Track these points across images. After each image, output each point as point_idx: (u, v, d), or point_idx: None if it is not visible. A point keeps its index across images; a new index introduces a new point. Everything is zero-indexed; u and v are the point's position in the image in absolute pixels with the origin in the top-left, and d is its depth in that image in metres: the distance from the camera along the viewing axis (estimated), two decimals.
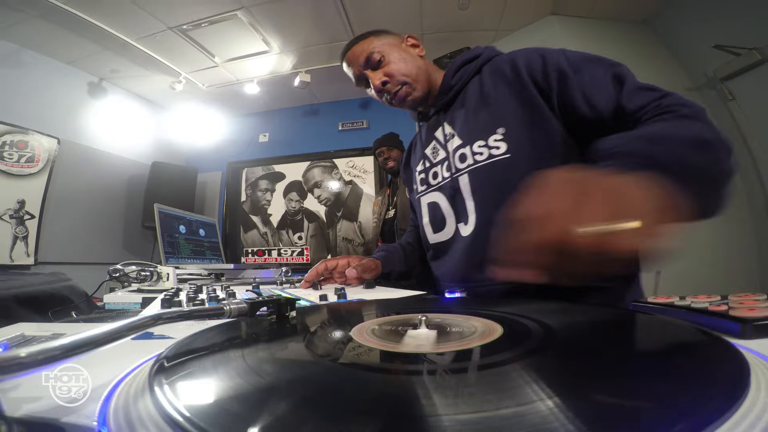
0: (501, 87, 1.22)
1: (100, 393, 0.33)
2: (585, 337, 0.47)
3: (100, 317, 1.07)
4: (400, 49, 1.38)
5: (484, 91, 1.26)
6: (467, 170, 1.24)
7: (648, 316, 0.52)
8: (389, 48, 1.37)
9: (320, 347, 0.47)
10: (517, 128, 1.16)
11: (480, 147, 1.21)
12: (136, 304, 1.19)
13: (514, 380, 0.29)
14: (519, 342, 0.41)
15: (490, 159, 1.18)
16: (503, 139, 1.16)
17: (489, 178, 1.19)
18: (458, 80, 1.35)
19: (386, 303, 0.87)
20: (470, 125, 1.27)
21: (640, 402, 0.25)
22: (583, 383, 0.30)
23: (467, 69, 1.35)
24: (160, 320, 0.45)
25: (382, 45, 1.37)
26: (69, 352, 0.31)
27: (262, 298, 0.62)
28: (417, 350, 0.40)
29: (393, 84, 1.35)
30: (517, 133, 1.15)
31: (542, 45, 1.25)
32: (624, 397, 0.26)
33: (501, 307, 0.62)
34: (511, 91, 1.19)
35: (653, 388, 0.26)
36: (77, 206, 4.44)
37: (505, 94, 1.20)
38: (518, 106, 1.17)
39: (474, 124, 1.25)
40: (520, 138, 1.15)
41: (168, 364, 0.37)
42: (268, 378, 0.34)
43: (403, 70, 1.34)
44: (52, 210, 4.15)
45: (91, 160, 4.65)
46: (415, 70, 1.35)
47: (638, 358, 0.37)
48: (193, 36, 4.18)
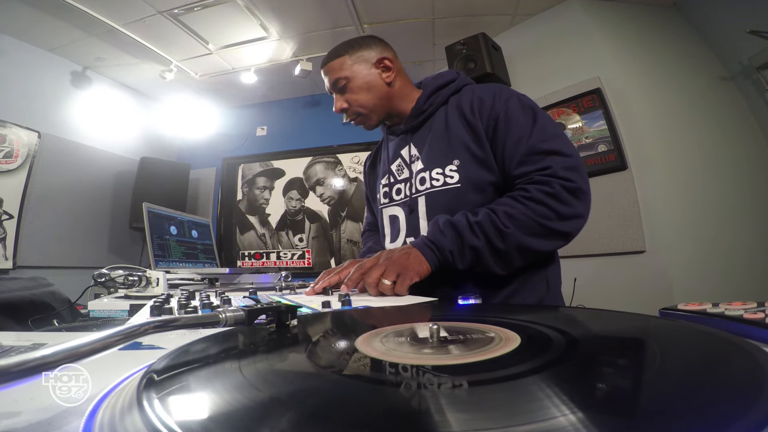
0: (460, 122, 1.53)
1: (83, 408, 0.32)
2: (610, 347, 0.47)
3: (84, 326, 1.07)
4: (367, 75, 1.62)
5: (448, 123, 1.57)
6: (425, 192, 1.56)
7: (678, 324, 0.52)
8: (356, 73, 1.61)
9: (323, 358, 0.47)
10: (468, 162, 1.48)
11: (437, 174, 1.53)
12: (123, 312, 1.19)
13: (533, 393, 0.29)
14: (539, 352, 0.41)
15: (445, 186, 1.51)
16: (456, 170, 1.49)
17: (441, 203, 1.51)
18: (429, 106, 1.64)
19: (394, 310, 0.87)
20: (432, 153, 1.57)
21: (672, 418, 0.24)
22: (610, 397, 0.29)
23: (439, 95, 1.63)
24: (149, 329, 0.45)
25: (351, 67, 1.61)
26: (50, 364, 0.31)
27: (260, 305, 0.62)
28: (428, 361, 0.40)
29: (349, 113, 1.66)
30: (467, 167, 1.48)
31: (564, 32, 1.43)
32: (655, 413, 0.26)
33: (518, 314, 0.62)
34: (467, 128, 1.51)
35: (687, 403, 0.26)
36: (59, 205, 4.46)
37: (462, 130, 1.52)
38: (471, 142, 1.49)
39: (435, 153, 1.56)
40: (469, 171, 1.48)
41: (158, 377, 0.37)
42: (267, 392, 0.33)
43: (361, 101, 1.63)
44: (32, 209, 4.17)
45: (75, 155, 4.67)
46: (373, 102, 1.63)
47: (669, 371, 0.36)
48: (184, 21, 4.19)
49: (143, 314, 0.92)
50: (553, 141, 1.38)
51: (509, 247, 1.29)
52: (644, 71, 3.70)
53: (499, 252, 1.30)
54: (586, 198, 1.34)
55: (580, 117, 3.79)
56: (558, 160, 1.34)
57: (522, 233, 1.29)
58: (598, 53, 3.81)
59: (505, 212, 1.31)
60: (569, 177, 1.31)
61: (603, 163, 3.59)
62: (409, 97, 1.69)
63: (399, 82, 1.67)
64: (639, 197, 3.39)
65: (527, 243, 1.30)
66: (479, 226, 1.31)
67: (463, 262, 1.32)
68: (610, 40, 3.81)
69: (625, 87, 3.62)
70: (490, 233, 1.29)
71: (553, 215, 1.29)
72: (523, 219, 1.29)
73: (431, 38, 4.72)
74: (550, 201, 1.29)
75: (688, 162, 3.50)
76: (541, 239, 1.31)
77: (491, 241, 1.30)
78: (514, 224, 1.29)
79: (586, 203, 1.34)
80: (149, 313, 0.87)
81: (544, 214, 1.29)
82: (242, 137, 6.10)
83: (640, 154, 3.47)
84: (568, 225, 1.32)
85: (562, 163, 1.33)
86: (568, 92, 3.90)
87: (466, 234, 1.31)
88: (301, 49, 4.83)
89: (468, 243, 1.31)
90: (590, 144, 3.68)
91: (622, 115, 3.58)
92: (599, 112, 3.66)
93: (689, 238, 3.30)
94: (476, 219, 1.33)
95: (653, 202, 3.36)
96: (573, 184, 1.31)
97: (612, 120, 3.59)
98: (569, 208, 1.30)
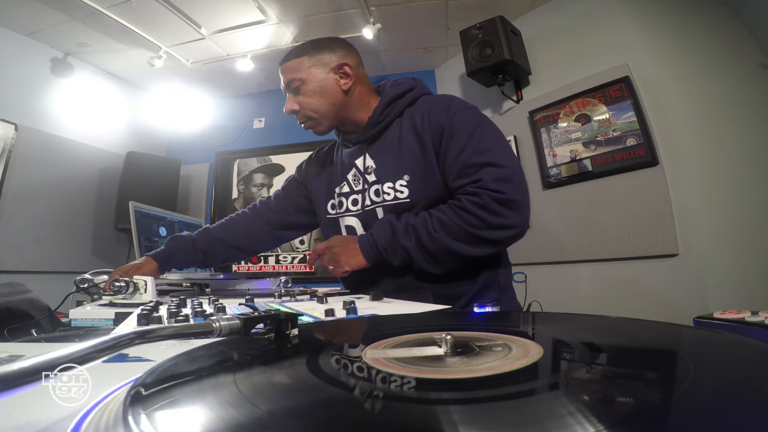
0: (412, 137, 1.69)
1: (65, 425, 0.33)
2: (638, 359, 0.47)
3: (65, 336, 1.07)
4: (323, 80, 1.75)
5: (401, 136, 1.72)
6: (381, 205, 1.72)
7: (713, 334, 0.52)
8: (312, 76, 1.75)
9: (326, 371, 0.46)
10: (418, 178, 1.65)
11: (389, 188, 1.70)
12: (108, 321, 1.19)
13: (555, 410, 0.29)
14: (561, 365, 0.41)
15: (396, 200, 1.68)
16: (406, 185, 1.66)
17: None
18: (385, 116, 1.77)
19: (403, 319, 0.87)
20: (386, 167, 1.73)
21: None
22: (637, 416, 0.29)
23: (396, 105, 1.77)
24: (136, 340, 0.45)
25: (307, 69, 1.75)
26: (28, 377, 0.31)
27: (257, 313, 0.61)
28: (442, 375, 0.40)
29: (300, 116, 1.82)
30: (416, 182, 1.65)
31: (590, 15, 1.44)
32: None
33: (539, 324, 0.62)
34: (417, 143, 1.67)
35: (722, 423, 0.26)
36: (38, 204, 4.44)
37: (413, 145, 1.68)
38: (420, 156, 1.66)
39: (388, 167, 1.73)
40: (419, 186, 1.65)
41: (146, 392, 0.36)
42: (264, 408, 0.33)
43: (312, 105, 1.77)
44: (9, 209, 4.16)
45: (55, 149, 4.66)
46: (325, 108, 1.77)
47: (703, 387, 0.36)
48: (175, 3, 4.18)
49: (130, 323, 0.92)
50: (487, 153, 1.56)
51: (438, 249, 1.53)
52: (677, 58, 3.66)
53: (429, 253, 1.55)
54: (519, 207, 1.52)
55: (606, 108, 3.75)
56: (490, 171, 1.52)
57: (450, 238, 1.52)
58: (626, 38, 3.78)
59: (438, 218, 1.54)
60: (499, 189, 1.49)
61: (632, 158, 3.56)
62: (366, 106, 1.82)
63: (358, 90, 1.80)
64: (671, 196, 3.35)
65: (455, 247, 1.52)
66: (413, 228, 1.56)
67: (396, 259, 1.59)
68: (639, 24, 3.77)
69: (656, 75, 3.59)
70: (422, 236, 1.54)
71: (482, 224, 1.49)
72: (452, 226, 1.52)
73: (444, 22, 4.67)
74: (479, 211, 1.49)
75: (726, 157, 3.46)
76: (468, 245, 1.52)
77: (422, 243, 1.54)
78: (444, 229, 1.52)
79: (519, 212, 1.52)
80: (136, 322, 0.87)
81: (472, 223, 1.50)
82: (238, 130, 6.10)
83: (672, 148, 3.44)
84: (496, 234, 1.52)
85: (493, 175, 1.52)
86: (593, 81, 3.86)
87: (399, 234, 1.57)
88: (303, 33, 4.79)
89: (400, 243, 1.57)
90: (618, 137, 3.65)
91: (653, 105, 3.55)
92: (628, 102, 3.62)
93: (726, 241, 3.27)
94: (413, 221, 1.57)
95: (687, 201, 3.32)
96: (503, 195, 1.49)
97: (642, 111, 3.55)
98: (499, 218, 1.49)
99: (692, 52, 3.68)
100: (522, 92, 4.45)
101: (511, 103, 4.49)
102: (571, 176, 3.91)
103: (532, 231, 4.21)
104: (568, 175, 3.93)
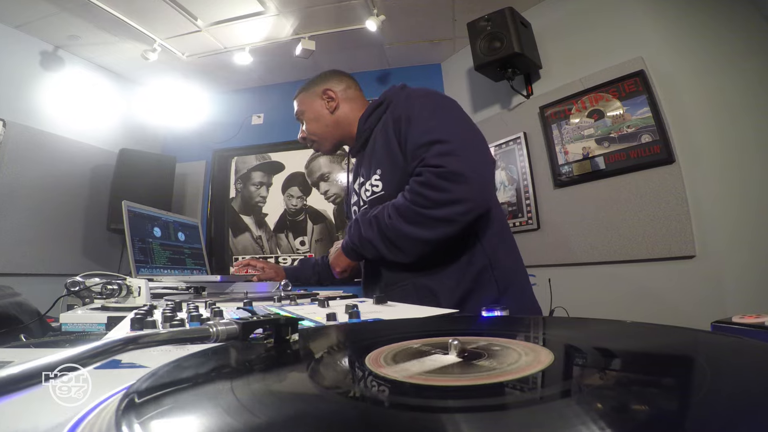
0: (384, 135, 1.85)
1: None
2: (653, 365, 0.47)
3: (55, 341, 1.07)
4: (316, 107, 2.12)
5: (377, 138, 1.91)
6: (367, 201, 1.91)
7: (732, 340, 0.51)
8: (308, 105, 2.14)
9: (328, 378, 0.47)
10: (388, 170, 1.82)
11: (369, 185, 1.89)
12: (100, 326, 1.19)
13: (568, 419, 0.29)
14: (573, 371, 0.40)
15: (373, 195, 1.87)
16: (380, 179, 1.84)
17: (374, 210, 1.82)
18: (368, 126, 2.00)
19: (408, 323, 0.87)
20: (366, 168, 1.94)
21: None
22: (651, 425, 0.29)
23: (375, 114, 1.98)
24: (129, 345, 0.45)
25: (304, 101, 2.16)
26: (17, 384, 0.31)
27: (256, 317, 0.61)
28: (446, 382, 0.40)
29: (307, 140, 2.19)
30: (387, 174, 1.82)
31: (603, 6, 1.43)
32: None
33: (549, 329, 0.62)
34: (385, 138, 1.84)
35: None
36: (27, 204, 4.45)
37: (382, 141, 1.85)
38: (388, 149, 1.81)
39: (367, 167, 1.94)
40: (389, 178, 1.81)
41: (139, 400, 0.36)
42: (263, 417, 0.33)
43: (312, 129, 2.13)
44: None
45: (45, 146, 4.66)
46: (322, 129, 2.12)
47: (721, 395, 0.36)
48: None
49: (123, 328, 0.92)
50: (433, 132, 1.65)
51: (396, 236, 1.64)
52: (694, 51, 3.64)
53: (390, 240, 1.66)
54: (466, 180, 1.54)
55: (621, 103, 3.75)
56: (434, 148, 1.60)
57: (404, 222, 1.61)
58: (641, 30, 3.77)
59: (393, 204, 1.67)
60: (439, 163, 1.56)
61: (647, 155, 3.55)
62: (356, 123, 2.07)
63: (344, 109, 2.10)
64: (688, 195, 3.34)
65: (409, 231, 1.61)
66: (375, 219, 1.70)
67: (367, 252, 1.76)
68: (655, 16, 3.76)
69: (672, 69, 3.58)
70: (381, 225, 1.67)
71: (428, 203, 1.57)
72: (404, 210, 1.62)
73: (451, 13, 4.67)
74: (423, 189, 1.57)
75: (745, 155, 3.43)
76: (422, 228, 1.59)
77: (382, 232, 1.67)
78: (396, 214, 1.63)
79: (466, 185, 1.54)
80: (130, 326, 0.87)
81: (418, 203, 1.58)
82: (235, 126, 6.11)
83: (689, 145, 3.43)
84: (446, 211, 1.55)
85: (435, 151, 1.59)
86: (607, 75, 3.86)
87: (364, 228, 1.74)
88: (303, 25, 4.81)
89: (364, 236, 1.73)
90: (632, 134, 3.65)
91: (669, 101, 3.54)
92: (643, 97, 3.61)
93: (745, 242, 3.25)
94: (375, 213, 1.72)
95: (704, 201, 3.31)
96: (443, 169, 1.55)
97: (657, 107, 3.54)
98: (443, 193, 1.54)
99: (710, 44, 3.66)
100: (532, 87, 4.45)
101: (520, 98, 4.49)
102: (584, 174, 3.90)
103: (541, 231, 4.22)
104: (580, 174, 3.93)
